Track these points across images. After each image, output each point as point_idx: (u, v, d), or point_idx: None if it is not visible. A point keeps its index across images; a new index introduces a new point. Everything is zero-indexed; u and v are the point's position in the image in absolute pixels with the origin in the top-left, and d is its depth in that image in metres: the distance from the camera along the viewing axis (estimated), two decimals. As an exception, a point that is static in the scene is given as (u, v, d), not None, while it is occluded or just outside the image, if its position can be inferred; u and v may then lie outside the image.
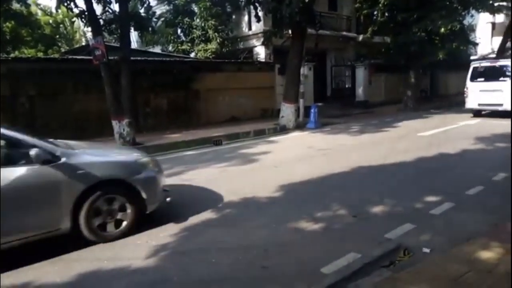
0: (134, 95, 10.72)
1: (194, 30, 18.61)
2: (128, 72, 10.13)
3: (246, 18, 19.01)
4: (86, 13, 10.02)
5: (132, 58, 10.86)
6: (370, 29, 18.57)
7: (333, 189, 5.62)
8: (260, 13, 13.07)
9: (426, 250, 3.52)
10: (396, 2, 16.12)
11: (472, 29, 26.30)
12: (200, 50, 18.06)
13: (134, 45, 17.95)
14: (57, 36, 27.41)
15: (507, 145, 7.87)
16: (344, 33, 20.66)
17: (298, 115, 13.16)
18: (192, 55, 18.74)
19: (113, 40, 17.43)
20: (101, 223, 4.01)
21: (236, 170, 7.11)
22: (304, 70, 13.90)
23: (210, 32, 17.94)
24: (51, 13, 27.01)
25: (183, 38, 19.51)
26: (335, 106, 18.14)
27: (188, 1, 19.06)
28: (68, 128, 10.33)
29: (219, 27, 18.01)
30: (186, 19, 18.82)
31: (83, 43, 23.70)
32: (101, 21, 10.61)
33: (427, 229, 3.98)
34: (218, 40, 17.86)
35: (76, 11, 10.21)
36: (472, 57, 26.49)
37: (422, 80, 20.94)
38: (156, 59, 14.04)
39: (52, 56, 18.54)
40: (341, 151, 8.63)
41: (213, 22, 17.77)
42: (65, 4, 9.85)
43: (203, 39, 18.28)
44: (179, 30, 19.72)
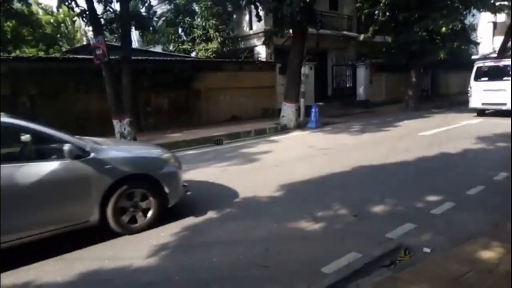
0: (135, 94, 10.73)
1: (195, 30, 18.63)
2: (129, 72, 10.14)
3: (247, 17, 19.01)
4: (87, 12, 10.03)
5: (133, 58, 10.86)
6: (371, 28, 18.54)
7: (334, 189, 5.62)
8: (261, 13, 13.06)
9: (427, 249, 3.52)
10: (397, 2, 16.09)
11: (473, 28, 26.27)
12: (201, 50, 18.08)
13: (135, 44, 17.98)
14: (58, 35, 27.45)
15: (508, 145, 7.87)
16: (345, 32, 20.65)
17: (299, 115, 13.15)
18: (193, 54, 18.76)
19: (114, 40, 17.46)
20: (127, 216, 4.18)
21: (237, 170, 7.11)
22: (305, 70, 13.90)
23: (211, 31, 17.95)
24: (52, 12, 27.08)
25: (184, 38, 19.53)
26: (336, 105, 18.14)
27: (189, 1, 19.08)
28: (69, 127, 10.20)
29: (220, 27, 18.03)
30: (187, 18, 18.84)
31: (84, 43, 23.72)
32: (102, 21, 10.62)
33: (428, 229, 3.98)
34: (219, 40, 17.88)
35: (77, 10, 10.22)
36: (473, 57, 26.48)
37: (423, 79, 20.90)
38: (157, 58, 14.05)
39: (53, 55, 18.57)
40: (342, 150, 8.63)
41: (214, 22, 17.78)
42: (66, 3, 9.86)
43: (204, 38, 18.29)
44: (180, 30, 19.74)
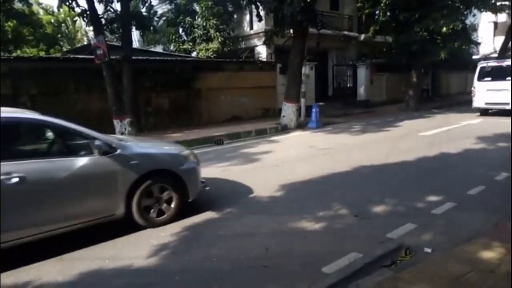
0: (135, 94, 10.74)
1: (196, 30, 18.64)
2: (129, 71, 10.16)
3: (247, 17, 19.02)
4: (87, 12, 10.06)
5: (133, 58, 10.88)
6: (371, 28, 18.54)
7: (334, 189, 5.62)
8: (262, 13, 13.07)
9: (428, 250, 3.51)
10: (398, 2, 16.07)
11: (474, 28, 26.28)
12: (202, 50, 18.08)
13: (135, 44, 18.01)
14: (59, 35, 27.44)
15: (509, 145, 7.86)
16: (345, 32, 20.65)
17: (299, 115, 13.15)
18: (194, 54, 18.77)
19: (115, 40, 17.47)
20: (150, 209, 4.35)
21: (237, 170, 7.10)
22: (306, 70, 13.89)
23: (211, 31, 17.96)
24: (53, 12, 27.08)
25: (185, 38, 19.55)
26: (337, 105, 18.14)
27: (190, 1, 19.09)
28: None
29: (221, 27, 18.04)
30: (187, 18, 18.86)
31: (85, 42, 23.75)
32: (103, 20, 10.64)
33: (429, 229, 3.98)
34: (219, 40, 17.88)
35: (78, 10, 10.26)
36: (474, 57, 26.50)
37: (423, 79, 20.89)
38: (157, 58, 14.06)
39: (54, 55, 18.56)
40: (343, 150, 8.62)
41: (214, 22, 17.79)
42: (67, 3, 9.88)
43: (204, 38, 18.30)
44: (180, 30, 19.75)
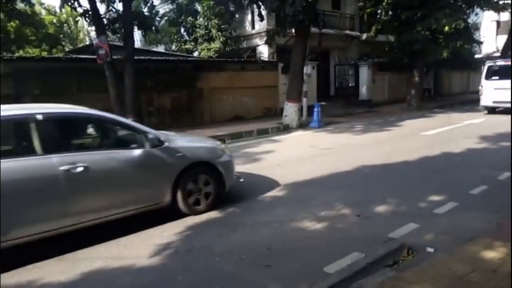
0: (137, 94, 10.76)
1: (197, 29, 18.65)
2: (131, 71, 10.17)
3: (249, 17, 19.02)
4: (90, 12, 10.08)
5: (135, 57, 10.89)
6: (373, 27, 18.49)
7: (336, 188, 5.62)
8: (263, 12, 13.07)
9: (430, 249, 3.51)
10: (400, 1, 16.02)
11: (476, 27, 26.17)
12: (203, 49, 18.10)
13: (137, 44, 17.99)
14: (61, 35, 27.53)
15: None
16: (347, 32, 20.62)
17: (301, 114, 13.15)
18: (195, 54, 18.79)
19: (117, 40, 17.49)
20: (192, 198, 4.66)
21: (239, 169, 7.09)
22: (308, 69, 13.89)
23: (213, 31, 17.98)
24: (55, 12, 27.17)
25: (186, 37, 19.57)
26: (339, 105, 18.11)
27: (191, 0, 19.10)
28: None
29: (222, 26, 18.04)
30: (189, 18, 18.87)
31: (87, 43, 23.79)
32: (105, 20, 10.66)
33: (431, 229, 3.97)
34: (221, 39, 17.90)
35: (80, 10, 10.28)
36: (476, 56, 26.39)
37: (425, 79, 20.85)
38: (159, 58, 14.06)
39: (56, 55, 18.60)
40: (344, 150, 8.62)
41: (216, 21, 17.80)
42: (69, 3, 9.91)
43: (206, 38, 18.32)
44: (182, 29, 19.77)
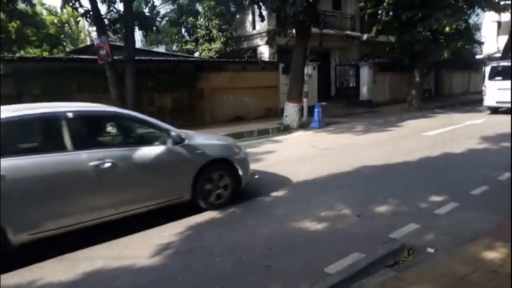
0: (138, 94, 10.77)
1: (198, 30, 18.67)
2: (132, 72, 10.18)
3: (250, 17, 19.02)
4: (91, 13, 10.10)
5: (136, 58, 10.90)
6: (374, 28, 18.49)
7: (337, 189, 5.62)
8: (264, 12, 13.08)
9: (431, 250, 3.51)
10: (401, 1, 16.00)
11: (477, 28, 26.12)
12: (204, 50, 18.11)
13: (138, 44, 18.01)
14: (62, 35, 27.57)
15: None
16: (348, 32, 20.61)
17: (302, 115, 13.14)
18: (196, 54, 18.80)
19: (118, 40, 17.52)
20: (210, 194, 4.82)
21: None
22: (308, 70, 13.89)
23: (214, 31, 17.98)
24: (56, 12, 27.22)
25: (187, 38, 19.58)
26: (339, 105, 18.11)
27: (192, 1, 19.11)
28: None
29: (223, 27, 18.05)
30: (190, 18, 18.89)
31: (88, 43, 23.83)
32: (106, 21, 10.67)
33: (432, 229, 3.97)
34: (222, 40, 17.90)
35: (81, 10, 10.30)
36: (477, 57, 26.36)
37: (426, 79, 20.83)
38: (160, 58, 14.08)
39: (57, 55, 18.64)
40: (345, 150, 8.61)
41: (217, 22, 17.80)
42: (70, 3, 9.92)
43: (207, 38, 18.33)
44: (183, 30, 19.78)
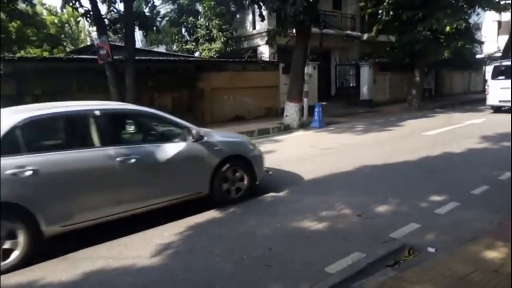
0: (138, 94, 10.76)
1: (198, 30, 18.66)
2: (132, 71, 10.18)
3: (250, 17, 19.03)
4: (91, 13, 10.10)
5: (136, 58, 10.90)
6: (374, 28, 18.49)
7: (337, 188, 5.61)
8: (264, 12, 13.07)
9: (431, 249, 3.50)
10: (401, 1, 16.01)
11: (477, 27, 26.10)
12: (205, 50, 18.11)
13: (138, 44, 18.01)
14: (62, 35, 27.57)
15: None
16: (348, 32, 20.62)
17: (302, 114, 13.14)
18: (197, 54, 18.80)
19: (118, 40, 17.51)
20: (227, 189, 4.99)
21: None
22: (308, 69, 13.88)
23: (214, 31, 17.98)
24: (56, 12, 27.22)
25: (187, 38, 19.58)
26: (339, 105, 18.11)
27: (192, 1, 19.11)
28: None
29: (223, 27, 18.06)
30: (190, 18, 18.88)
31: (88, 43, 23.85)
32: (106, 21, 10.68)
33: (432, 229, 3.96)
34: (222, 40, 17.90)
35: (81, 10, 10.31)
36: (477, 56, 26.35)
37: (426, 79, 20.81)
38: (160, 58, 14.10)
39: (57, 55, 18.63)
40: (345, 150, 8.61)
41: (217, 22, 17.81)
42: (71, 3, 9.92)
43: (207, 38, 18.33)
44: (183, 30, 19.78)
